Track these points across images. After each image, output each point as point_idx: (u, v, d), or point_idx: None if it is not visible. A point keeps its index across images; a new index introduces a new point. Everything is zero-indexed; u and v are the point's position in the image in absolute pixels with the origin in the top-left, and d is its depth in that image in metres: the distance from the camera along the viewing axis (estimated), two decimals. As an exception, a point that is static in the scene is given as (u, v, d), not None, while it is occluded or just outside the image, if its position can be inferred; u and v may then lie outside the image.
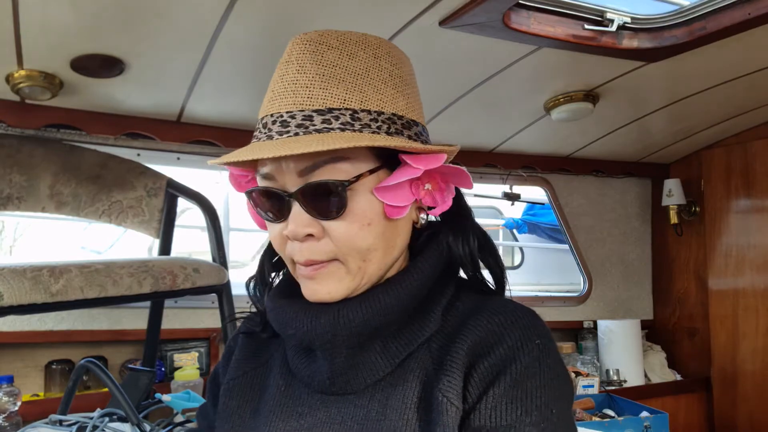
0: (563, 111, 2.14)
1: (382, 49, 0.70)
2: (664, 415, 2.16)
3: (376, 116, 0.66)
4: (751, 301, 2.76)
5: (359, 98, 0.66)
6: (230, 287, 1.78)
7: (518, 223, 5.81)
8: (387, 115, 0.67)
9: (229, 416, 0.77)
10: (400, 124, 0.68)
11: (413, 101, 0.71)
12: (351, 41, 0.68)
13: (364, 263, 0.67)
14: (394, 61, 0.71)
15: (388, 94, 0.68)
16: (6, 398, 1.63)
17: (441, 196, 0.70)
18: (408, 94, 0.70)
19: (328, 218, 0.65)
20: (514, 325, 0.66)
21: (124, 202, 1.86)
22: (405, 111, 0.69)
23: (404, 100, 0.69)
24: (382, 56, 0.69)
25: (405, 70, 0.72)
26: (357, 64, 0.67)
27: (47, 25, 1.43)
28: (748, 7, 1.66)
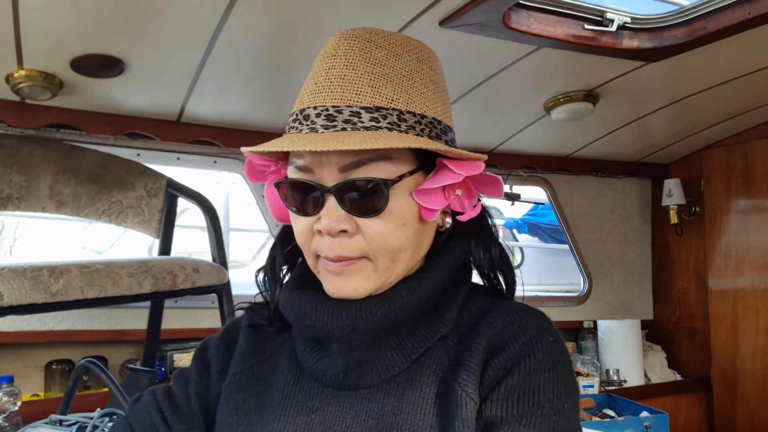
0: (563, 111, 2.14)
1: (424, 54, 0.71)
2: (664, 415, 2.16)
3: (420, 119, 0.67)
4: (751, 301, 2.76)
5: (405, 100, 0.66)
6: (230, 287, 1.78)
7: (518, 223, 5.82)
8: (429, 119, 0.68)
9: (234, 410, 0.75)
10: (439, 129, 0.69)
11: (448, 107, 0.73)
12: (397, 42, 0.69)
13: (393, 263, 0.68)
14: (434, 66, 0.72)
15: (430, 98, 0.69)
16: (6, 398, 1.63)
17: (469, 203, 0.71)
18: (444, 100, 0.72)
19: (367, 216, 0.65)
20: (528, 324, 0.68)
21: (124, 202, 1.86)
22: (442, 116, 0.70)
23: (442, 106, 0.70)
24: (424, 60, 0.70)
25: (441, 77, 0.73)
26: (403, 65, 0.68)
27: (47, 25, 1.43)
28: (748, 7, 1.67)
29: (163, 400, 0.81)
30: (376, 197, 0.65)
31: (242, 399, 0.76)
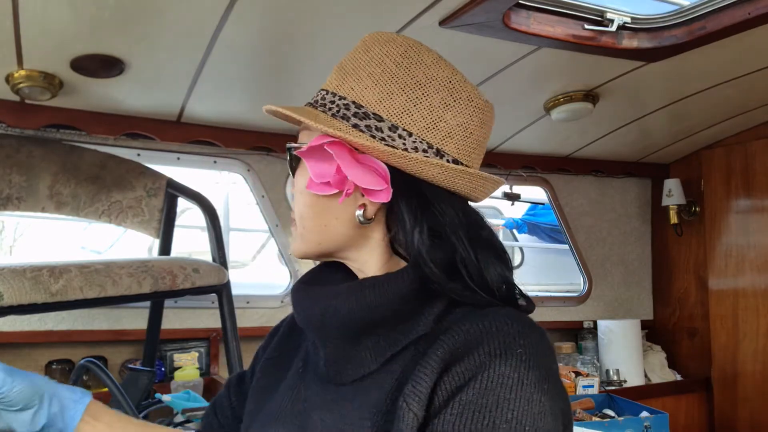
0: (563, 111, 2.14)
1: (400, 49, 0.72)
2: (664, 416, 2.16)
3: (336, 99, 0.72)
4: (752, 301, 2.76)
5: (337, 83, 0.73)
6: (230, 287, 1.78)
7: (518, 223, 5.81)
8: (346, 101, 0.71)
9: (257, 392, 0.80)
10: (353, 112, 0.70)
11: (397, 100, 0.69)
12: (382, 40, 0.74)
13: (303, 229, 0.75)
14: (401, 61, 0.71)
15: (364, 84, 0.71)
16: (6, 398, 1.63)
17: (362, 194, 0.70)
18: (390, 91, 0.69)
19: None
20: (497, 332, 0.61)
21: (123, 202, 1.86)
22: (372, 104, 0.69)
23: (378, 95, 0.69)
24: (392, 54, 0.72)
25: (413, 73, 0.70)
26: (363, 57, 0.74)
27: (47, 26, 1.43)
28: (748, 7, 1.66)
29: (235, 382, 0.90)
30: (292, 159, 0.75)
31: (266, 384, 0.80)
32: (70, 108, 1.88)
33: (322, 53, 1.69)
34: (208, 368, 2.22)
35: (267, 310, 2.37)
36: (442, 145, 0.70)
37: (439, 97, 0.70)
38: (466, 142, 0.71)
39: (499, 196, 2.87)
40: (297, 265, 2.44)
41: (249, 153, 2.29)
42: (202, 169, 2.35)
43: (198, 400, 1.86)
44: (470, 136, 0.72)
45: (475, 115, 0.72)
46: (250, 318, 2.32)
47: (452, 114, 0.70)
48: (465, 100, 0.72)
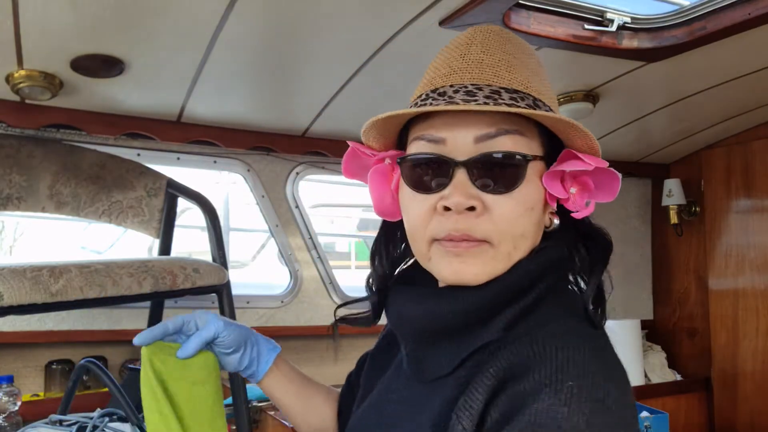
0: (563, 111, 2.14)
1: (524, 44, 0.72)
2: (664, 415, 2.16)
3: (549, 109, 0.67)
4: (752, 301, 2.76)
5: (538, 88, 0.67)
6: (230, 287, 1.77)
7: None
8: (553, 112, 0.68)
9: (365, 379, 0.87)
10: (544, 109, 0.68)
11: (551, 91, 0.72)
12: (523, 43, 0.72)
13: (514, 250, 0.65)
14: (536, 59, 0.73)
15: (551, 97, 0.70)
16: (6, 398, 1.63)
17: (582, 202, 0.68)
18: (547, 86, 0.72)
19: (498, 192, 0.64)
20: (550, 359, 0.57)
21: (124, 202, 1.86)
22: (547, 99, 0.70)
23: (546, 88, 0.70)
24: (542, 67, 0.72)
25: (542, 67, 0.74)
26: (532, 62, 0.70)
27: (47, 26, 1.43)
28: (748, 7, 1.66)
29: (361, 362, 0.95)
30: (513, 170, 0.64)
31: (371, 373, 0.86)
32: (71, 108, 1.88)
33: (323, 53, 1.69)
34: (208, 368, 2.23)
35: (267, 310, 2.37)
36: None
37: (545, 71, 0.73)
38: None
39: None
40: (297, 265, 2.44)
41: (249, 153, 2.29)
42: (202, 169, 2.35)
43: (198, 400, 1.86)
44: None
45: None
46: (250, 318, 2.32)
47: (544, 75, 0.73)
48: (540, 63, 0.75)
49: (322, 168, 2.44)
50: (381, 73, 1.80)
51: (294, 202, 2.41)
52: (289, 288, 2.44)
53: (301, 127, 2.23)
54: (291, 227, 2.42)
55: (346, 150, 0.79)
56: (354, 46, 1.66)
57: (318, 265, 2.47)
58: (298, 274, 2.45)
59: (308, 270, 2.46)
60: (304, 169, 2.41)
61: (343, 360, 2.56)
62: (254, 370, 0.91)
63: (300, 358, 2.48)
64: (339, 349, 2.54)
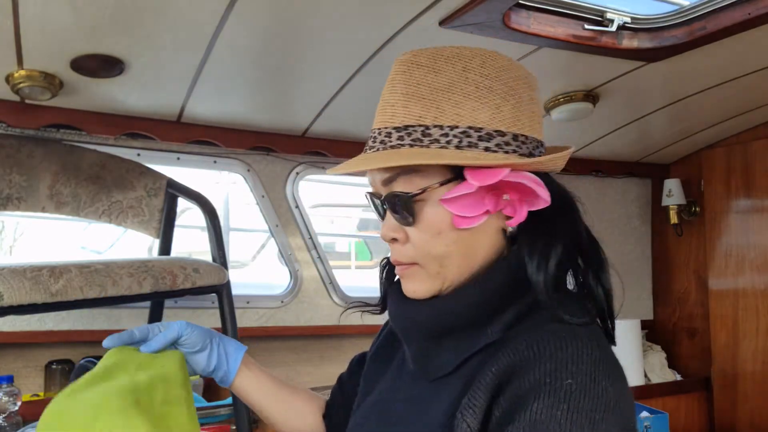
0: (563, 111, 2.14)
1: (475, 61, 0.71)
2: (664, 415, 2.17)
3: (448, 131, 0.68)
4: (752, 301, 2.76)
5: (434, 114, 0.68)
6: (230, 287, 1.78)
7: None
8: (462, 128, 0.68)
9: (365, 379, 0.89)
10: (477, 136, 0.68)
11: (506, 110, 0.70)
12: (442, 57, 0.71)
13: (442, 268, 0.71)
14: (487, 71, 0.70)
15: (469, 107, 0.68)
16: (6, 398, 1.63)
17: (517, 207, 0.70)
18: (497, 104, 0.69)
19: (406, 225, 0.72)
20: (549, 358, 0.60)
21: (124, 202, 1.86)
22: (488, 122, 0.69)
23: (489, 111, 0.69)
24: (473, 68, 0.70)
25: (502, 80, 0.71)
26: (441, 79, 0.69)
27: (47, 25, 1.43)
28: (748, 7, 1.66)
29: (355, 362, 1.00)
30: (404, 209, 0.70)
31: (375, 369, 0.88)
32: (71, 108, 1.88)
33: (323, 53, 1.69)
34: (208, 368, 2.23)
35: (267, 310, 2.37)
36: (540, 136, 0.74)
37: (527, 94, 0.72)
38: (541, 124, 0.75)
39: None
40: (297, 265, 2.44)
41: (249, 153, 2.29)
42: (202, 169, 2.35)
43: (198, 399, 1.87)
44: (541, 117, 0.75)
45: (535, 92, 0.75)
46: (250, 318, 2.32)
47: (536, 105, 0.74)
48: (536, 88, 0.75)
49: (322, 168, 2.44)
50: (381, 73, 1.79)
51: (294, 202, 2.41)
52: (289, 288, 2.44)
53: (301, 127, 2.23)
54: (291, 227, 2.42)
55: (347, 150, 0.83)
56: (354, 46, 1.66)
57: (318, 265, 2.48)
58: (298, 274, 2.45)
59: (308, 270, 2.46)
60: (304, 169, 2.41)
61: (344, 360, 2.55)
62: (225, 369, 0.92)
63: (300, 358, 2.48)
64: (339, 348, 2.54)
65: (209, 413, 1.72)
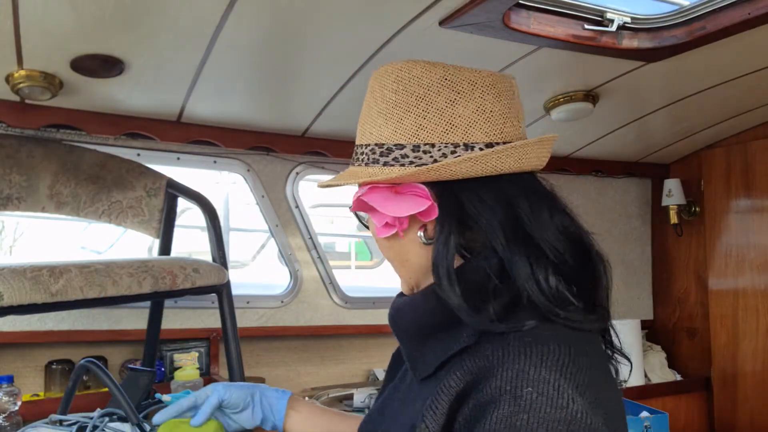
0: (563, 111, 2.14)
1: (391, 77, 0.72)
2: (664, 415, 2.16)
3: (363, 149, 0.74)
4: (751, 301, 2.76)
5: (360, 135, 0.76)
6: (230, 287, 1.78)
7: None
8: (370, 146, 0.73)
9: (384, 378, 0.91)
10: (379, 152, 0.72)
11: (407, 122, 0.69)
12: (377, 76, 0.75)
13: (398, 270, 0.80)
14: (397, 86, 0.71)
15: (377, 124, 0.72)
16: (6, 398, 1.63)
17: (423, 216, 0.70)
18: (399, 117, 0.70)
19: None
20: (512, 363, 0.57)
21: (123, 202, 1.86)
22: (389, 137, 0.70)
23: (392, 126, 0.70)
24: (387, 84, 0.72)
25: (410, 91, 0.70)
26: (370, 99, 0.75)
27: (47, 25, 1.43)
28: (748, 7, 1.67)
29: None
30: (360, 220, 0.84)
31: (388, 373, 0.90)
32: (71, 108, 1.88)
33: (323, 53, 1.69)
34: (208, 368, 2.23)
35: (267, 310, 2.37)
36: (467, 138, 0.68)
37: (442, 98, 0.69)
38: (490, 122, 0.69)
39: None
40: (297, 265, 2.45)
41: (249, 153, 2.29)
42: (202, 169, 2.35)
43: (198, 400, 1.86)
44: (492, 115, 0.70)
45: (487, 93, 0.70)
46: (250, 318, 2.32)
47: (462, 106, 0.69)
48: (468, 87, 0.70)
49: (322, 168, 2.44)
50: (381, 73, 1.80)
51: (294, 202, 2.41)
52: (289, 288, 2.45)
53: (301, 127, 2.24)
54: (291, 227, 2.42)
55: (347, 150, 0.85)
56: (354, 46, 1.67)
57: (318, 265, 2.48)
58: (298, 274, 2.45)
59: (308, 270, 2.46)
60: (304, 169, 2.41)
61: (344, 360, 2.56)
62: (272, 421, 0.96)
63: (300, 358, 2.48)
64: (339, 348, 2.54)
65: (209, 413, 1.73)
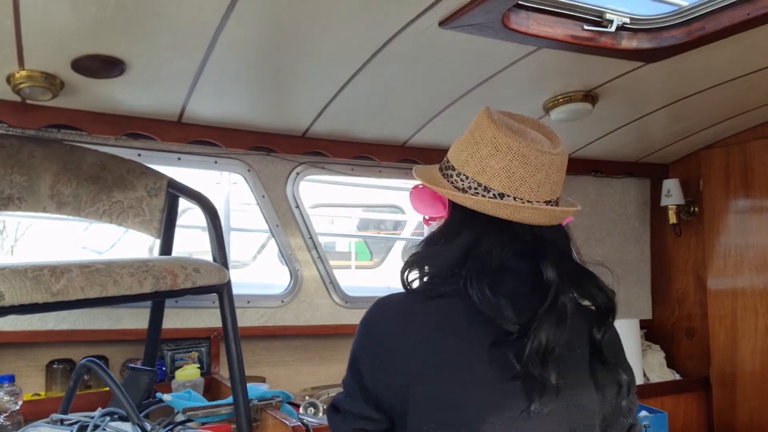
0: (562, 111, 2.14)
1: (474, 120, 1.03)
2: (663, 415, 2.17)
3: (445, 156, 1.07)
4: (750, 300, 2.76)
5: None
6: (231, 287, 1.78)
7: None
8: (447, 161, 1.05)
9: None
10: (446, 166, 1.05)
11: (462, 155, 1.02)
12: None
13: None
14: (472, 128, 1.03)
15: (454, 144, 1.06)
16: (7, 397, 1.63)
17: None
18: (460, 149, 1.03)
19: None
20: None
21: (124, 202, 1.87)
22: (453, 160, 1.03)
23: (455, 153, 1.04)
24: (470, 125, 1.04)
25: (473, 136, 1.01)
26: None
27: (48, 26, 1.43)
28: (747, 8, 1.67)
29: None
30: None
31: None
32: (71, 108, 1.88)
33: (323, 53, 1.70)
34: (208, 368, 2.23)
35: (267, 310, 2.38)
36: (488, 183, 0.98)
37: (486, 150, 0.98)
38: (511, 180, 0.97)
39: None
40: (297, 264, 2.45)
41: (249, 153, 2.30)
42: (203, 170, 2.35)
43: (199, 399, 1.87)
44: (513, 175, 0.97)
45: (516, 159, 0.97)
46: (250, 318, 2.33)
47: (495, 161, 0.97)
48: (505, 149, 0.97)
49: (322, 168, 2.44)
50: (381, 73, 1.80)
51: (294, 202, 2.42)
52: (289, 288, 2.45)
53: (301, 128, 2.24)
54: (291, 227, 2.42)
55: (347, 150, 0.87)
56: (354, 46, 1.67)
57: (318, 264, 2.48)
58: (298, 274, 2.45)
59: (308, 270, 2.47)
60: (305, 169, 2.42)
61: (344, 360, 2.56)
62: None
63: (300, 358, 2.48)
64: (339, 348, 2.55)
65: (210, 412, 1.73)
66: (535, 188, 0.98)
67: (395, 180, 3.08)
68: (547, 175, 0.99)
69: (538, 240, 0.99)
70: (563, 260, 1.01)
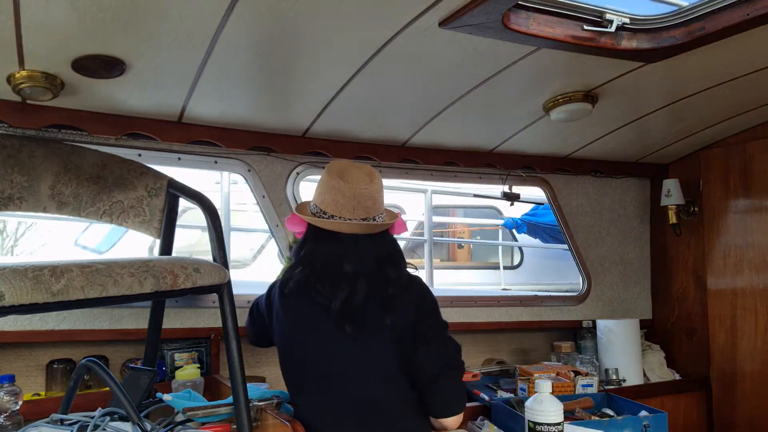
0: (562, 111, 2.15)
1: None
2: (663, 415, 2.17)
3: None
4: (750, 300, 2.76)
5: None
6: (231, 287, 1.77)
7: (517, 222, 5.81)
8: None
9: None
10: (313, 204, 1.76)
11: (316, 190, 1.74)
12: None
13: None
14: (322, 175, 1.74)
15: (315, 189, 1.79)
16: (7, 397, 1.63)
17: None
18: (317, 188, 1.74)
19: None
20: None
21: (125, 202, 1.87)
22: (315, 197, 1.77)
23: (315, 190, 1.74)
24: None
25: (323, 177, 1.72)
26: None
27: (48, 26, 1.44)
28: (747, 8, 1.67)
29: None
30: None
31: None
32: (72, 108, 1.88)
33: (323, 53, 1.70)
34: (209, 368, 2.23)
35: (267, 310, 2.38)
36: (325, 209, 1.69)
37: (324, 188, 1.70)
38: (336, 206, 1.67)
39: (498, 196, 2.88)
40: (297, 264, 2.45)
41: (249, 153, 2.30)
42: (203, 170, 2.35)
43: (199, 399, 1.87)
44: (337, 203, 1.66)
45: (338, 193, 1.66)
46: (250, 317, 2.33)
47: (328, 195, 1.68)
48: (332, 188, 1.67)
49: (322, 168, 2.44)
50: (381, 73, 1.80)
51: (294, 202, 2.42)
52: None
53: (301, 128, 2.24)
54: (291, 227, 2.42)
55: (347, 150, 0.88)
56: (354, 46, 1.67)
57: (318, 264, 2.48)
58: (298, 274, 2.45)
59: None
60: (305, 169, 2.42)
61: (343, 359, 2.56)
62: None
63: (300, 358, 2.48)
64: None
65: (210, 412, 1.73)
66: (352, 210, 1.65)
67: (395, 180, 3.09)
68: (359, 202, 1.64)
69: (357, 244, 1.67)
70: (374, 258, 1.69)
